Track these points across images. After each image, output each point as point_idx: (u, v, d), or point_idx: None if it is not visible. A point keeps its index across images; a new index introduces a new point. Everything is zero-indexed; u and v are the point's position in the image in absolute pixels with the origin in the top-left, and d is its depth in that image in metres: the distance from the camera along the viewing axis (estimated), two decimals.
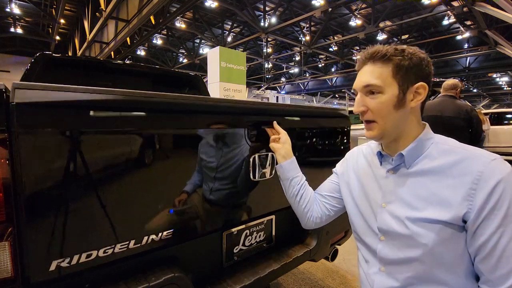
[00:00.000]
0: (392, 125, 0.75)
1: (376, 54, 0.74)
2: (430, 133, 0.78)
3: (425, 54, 0.75)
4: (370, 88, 0.74)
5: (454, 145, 0.74)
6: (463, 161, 0.68)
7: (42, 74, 2.24)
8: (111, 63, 3.11)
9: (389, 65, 0.73)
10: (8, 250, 0.69)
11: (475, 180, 0.65)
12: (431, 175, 0.72)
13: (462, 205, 0.65)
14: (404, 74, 0.72)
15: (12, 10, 10.05)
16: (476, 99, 27.39)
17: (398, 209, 0.76)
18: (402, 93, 0.72)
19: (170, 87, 3.21)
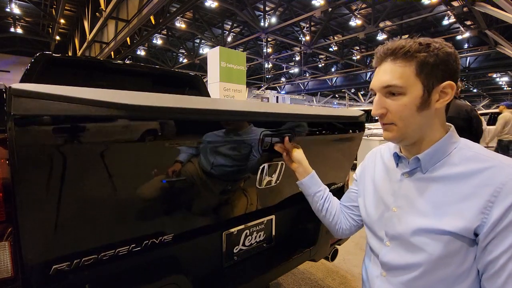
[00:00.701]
0: (414, 128, 0.69)
1: (398, 51, 0.67)
2: (454, 136, 0.71)
3: (453, 48, 0.67)
4: (390, 89, 0.68)
5: (480, 152, 0.66)
6: (486, 170, 0.62)
7: (42, 74, 2.24)
8: (111, 63, 3.11)
9: (412, 62, 0.66)
10: (8, 250, 0.69)
11: (495, 192, 0.59)
12: (448, 183, 0.66)
13: (476, 217, 0.60)
14: (430, 72, 0.65)
15: (12, 10, 10.05)
16: (476, 99, 27.39)
17: (408, 215, 0.72)
18: (427, 94, 0.66)
19: (170, 87, 3.21)
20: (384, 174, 0.83)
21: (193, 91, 3.27)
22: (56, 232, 0.71)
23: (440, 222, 0.64)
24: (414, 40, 0.68)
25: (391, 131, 0.71)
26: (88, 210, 0.76)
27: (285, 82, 23.06)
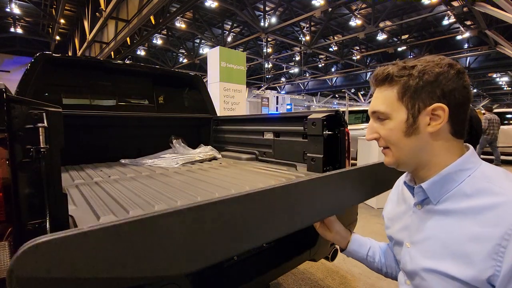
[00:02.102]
0: (406, 153, 0.65)
1: (379, 76, 0.67)
2: (469, 162, 0.63)
3: (446, 67, 0.61)
4: (376, 115, 0.69)
5: (496, 182, 0.57)
6: (499, 206, 0.54)
7: (42, 74, 2.24)
8: (111, 63, 3.11)
9: (394, 87, 0.65)
10: (8, 250, 0.70)
11: (506, 235, 0.50)
12: (458, 218, 0.59)
13: (486, 263, 0.52)
14: (413, 96, 0.62)
15: (12, 10, 10.04)
16: (476, 99, 27.39)
17: (418, 253, 0.66)
18: (411, 118, 0.63)
19: (170, 87, 3.21)
20: (403, 203, 0.79)
21: (193, 91, 3.28)
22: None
23: (448, 265, 0.58)
24: (400, 64, 0.66)
25: (387, 155, 0.70)
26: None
27: (285, 82, 23.06)
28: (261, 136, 2.53)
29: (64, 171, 1.97)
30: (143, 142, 2.78)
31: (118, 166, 2.32)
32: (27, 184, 0.78)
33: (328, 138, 1.86)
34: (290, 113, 2.42)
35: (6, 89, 0.73)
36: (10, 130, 0.75)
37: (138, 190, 1.47)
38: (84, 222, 0.98)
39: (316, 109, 21.36)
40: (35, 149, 0.78)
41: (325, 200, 0.80)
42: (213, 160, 2.68)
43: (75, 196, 1.35)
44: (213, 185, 1.58)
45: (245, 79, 6.97)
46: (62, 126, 0.88)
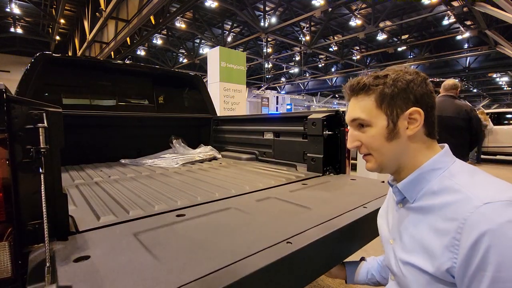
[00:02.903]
0: (389, 157, 0.69)
1: (355, 87, 0.70)
2: (440, 161, 0.67)
3: (414, 74, 0.67)
4: (357, 122, 0.71)
5: (457, 181, 0.61)
6: (455, 202, 0.58)
7: (42, 74, 2.24)
8: (111, 63, 3.11)
9: (371, 96, 0.68)
10: (8, 250, 0.69)
11: (459, 229, 0.54)
12: (427, 215, 0.64)
13: (445, 256, 0.56)
14: (390, 103, 0.66)
15: (12, 10, 10.04)
16: (476, 99, 27.39)
17: (397, 248, 0.71)
18: (392, 124, 0.67)
19: (170, 87, 3.21)
20: (391, 204, 0.83)
21: (193, 91, 3.27)
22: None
23: (418, 259, 0.63)
24: (372, 74, 0.70)
25: (370, 161, 0.73)
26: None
27: (285, 82, 23.06)
28: (261, 136, 2.53)
29: (64, 171, 1.97)
30: (143, 142, 2.78)
31: (118, 166, 2.32)
32: (27, 184, 0.78)
33: (328, 138, 1.86)
34: (290, 113, 2.42)
35: (6, 89, 0.73)
36: (10, 130, 0.75)
37: (138, 190, 1.47)
38: (84, 222, 0.98)
39: (316, 109, 21.35)
40: (35, 149, 0.78)
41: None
42: (213, 160, 2.68)
43: (75, 196, 1.35)
44: (213, 185, 1.58)
45: (245, 79, 6.97)
46: (62, 126, 0.88)
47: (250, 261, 0.70)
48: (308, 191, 1.45)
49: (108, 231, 0.92)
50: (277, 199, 1.29)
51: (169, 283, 0.61)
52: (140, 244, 0.81)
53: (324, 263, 0.92)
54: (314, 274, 0.91)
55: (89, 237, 0.87)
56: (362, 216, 1.05)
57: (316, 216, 1.04)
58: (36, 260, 0.71)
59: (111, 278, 0.63)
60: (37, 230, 0.77)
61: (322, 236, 0.86)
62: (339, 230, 0.93)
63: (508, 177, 5.98)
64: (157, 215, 1.08)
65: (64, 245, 0.80)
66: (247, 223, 0.99)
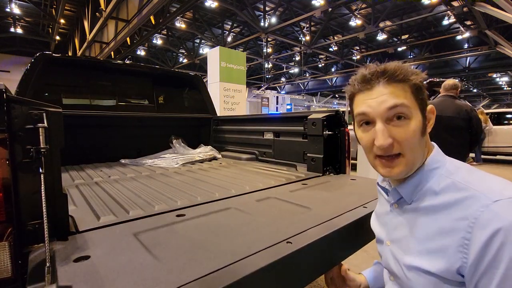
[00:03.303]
0: (418, 157, 0.64)
1: (394, 73, 0.62)
2: (437, 160, 0.66)
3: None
4: (398, 110, 0.60)
5: (459, 179, 0.60)
6: (461, 201, 0.56)
7: (42, 74, 2.24)
8: (111, 63, 3.11)
9: (407, 86, 0.62)
10: (8, 250, 0.69)
11: (469, 228, 0.53)
12: (430, 215, 0.62)
13: (455, 256, 0.55)
14: (422, 96, 0.63)
15: (12, 10, 10.05)
16: (476, 99, 27.39)
17: (397, 250, 0.69)
18: (424, 118, 0.63)
19: (170, 87, 3.21)
20: (382, 204, 0.82)
21: (193, 91, 3.27)
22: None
23: (423, 261, 0.60)
24: (388, 65, 0.64)
25: (398, 165, 0.62)
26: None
27: (285, 82, 23.06)
28: (261, 136, 2.53)
29: (64, 171, 1.97)
30: (143, 142, 2.78)
31: (118, 166, 2.31)
32: (27, 184, 0.78)
33: (328, 138, 1.86)
34: (290, 113, 2.42)
35: (6, 89, 0.73)
36: (10, 130, 0.75)
37: (138, 190, 1.47)
38: (84, 222, 0.98)
39: (316, 109, 21.34)
40: (35, 149, 0.78)
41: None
42: (213, 160, 2.68)
43: (75, 196, 1.35)
44: (213, 185, 1.58)
45: (245, 79, 6.97)
46: (62, 126, 0.88)
47: (250, 261, 0.70)
48: (308, 191, 1.45)
49: (108, 231, 0.92)
50: (277, 199, 1.29)
51: (169, 283, 0.60)
52: (140, 244, 0.81)
53: (324, 263, 0.92)
54: (314, 274, 0.91)
55: (89, 237, 0.87)
56: (362, 216, 1.05)
57: (316, 216, 1.04)
58: (36, 260, 0.71)
59: (111, 278, 0.63)
60: (37, 230, 0.77)
61: (322, 236, 0.86)
62: (339, 230, 0.93)
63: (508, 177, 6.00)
64: (157, 215, 1.08)
65: (64, 245, 0.80)
66: (247, 223, 0.99)
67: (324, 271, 0.96)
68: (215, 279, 0.62)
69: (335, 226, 0.94)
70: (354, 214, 1.08)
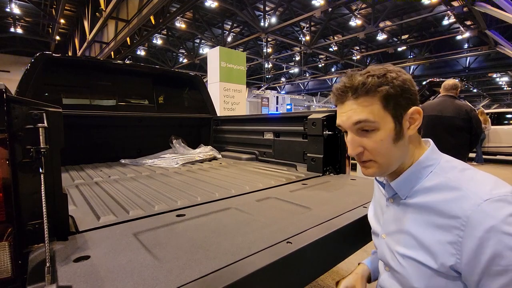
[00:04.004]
0: (395, 159, 0.67)
1: (359, 88, 0.64)
2: (431, 158, 0.68)
3: (406, 73, 0.67)
4: (362, 125, 0.65)
5: (451, 177, 0.62)
6: (454, 200, 0.58)
7: (42, 74, 2.24)
8: (111, 63, 3.11)
9: (375, 98, 0.64)
10: (8, 250, 0.69)
11: (462, 226, 0.55)
12: (423, 212, 0.64)
13: (447, 253, 0.57)
14: (395, 103, 0.64)
15: (12, 10, 10.04)
16: (476, 99, 27.39)
17: (393, 243, 0.71)
18: (398, 125, 0.64)
19: (170, 87, 3.21)
20: (379, 197, 0.83)
21: (193, 91, 3.28)
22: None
23: (419, 254, 0.63)
24: (371, 73, 0.65)
25: (371, 167, 0.68)
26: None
27: (285, 82, 23.05)
28: (261, 136, 2.53)
29: (64, 171, 1.97)
30: (143, 142, 2.78)
31: (118, 166, 2.32)
32: (27, 184, 0.78)
33: (328, 138, 1.86)
34: (290, 113, 2.42)
35: (6, 89, 0.73)
36: (10, 130, 0.75)
37: (138, 190, 1.47)
38: (84, 222, 0.98)
39: (316, 109, 21.34)
40: (35, 149, 0.78)
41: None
42: (213, 160, 2.68)
43: (75, 196, 1.35)
44: (213, 185, 1.58)
45: (245, 79, 6.97)
46: (62, 126, 0.88)
47: (250, 261, 0.70)
48: (308, 191, 1.45)
49: (108, 231, 0.92)
50: (277, 199, 1.29)
51: (169, 283, 0.61)
52: (140, 244, 0.81)
53: (324, 263, 0.92)
54: (314, 274, 0.91)
55: (89, 237, 0.87)
56: (362, 216, 1.05)
57: (316, 216, 1.04)
58: (36, 260, 0.71)
59: (111, 278, 0.63)
60: (37, 230, 0.77)
61: (322, 236, 0.86)
62: (339, 230, 0.93)
63: (508, 177, 5.97)
64: (157, 215, 1.08)
65: (64, 245, 0.80)
66: (247, 223, 0.99)
67: (324, 271, 0.96)
68: (215, 279, 0.62)
69: (335, 226, 0.94)
70: (354, 214, 1.08)
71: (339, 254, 0.99)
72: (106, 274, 0.65)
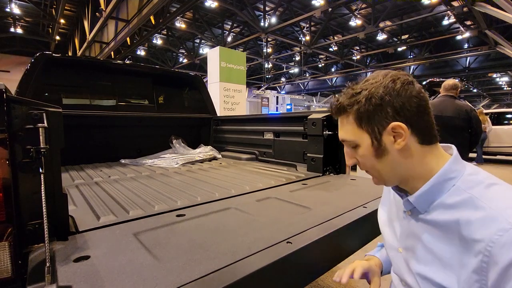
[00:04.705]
0: (385, 172, 0.66)
1: (334, 109, 0.70)
2: (453, 170, 0.61)
3: (391, 84, 0.61)
4: (345, 143, 0.70)
5: (476, 194, 0.56)
6: (477, 221, 0.53)
7: (42, 74, 2.24)
8: (111, 63, 3.11)
9: (349, 117, 0.66)
10: (8, 250, 0.69)
11: (486, 252, 0.51)
12: (444, 231, 0.59)
13: (472, 279, 0.53)
14: (368, 121, 0.62)
15: (12, 10, 10.04)
16: (476, 99, 27.39)
17: (411, 260, 0.67)
18: (376, 142, 0.63)
19: (170, 87, 3.21)
20: (394, 208, 0.79)
21: (193, 91, 3.28)
22: None
23: (440, 276, 0.59)
24: (349, 90, 0.66)
25: (372, 176, 0.71)
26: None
27: (285, 82, 23.05)
28: (261, 136, 2.53)
29: (64, 171, 1.97)
30: (143, 142, 2.78)
31: (118, 166, 2.32)
32: (27, 184, 0.78)
33: (328, 138, 1.86)
34: (290, 113, 2.42)
35: (6, 89, 0.73)
36: (10, 130, 0.75)
37: (138, 190, 1.47)
38: (84, 222, 0.98)
39: (316, 109, 21.34)
40: (35, 149, 0.78)
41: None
42: (213, 160, 2.68)
43: (75, 196, 1.35)
44: (213, 185, 1.58)
45: (245, 79, 6.97)
46: (62, 126, 0.88)
47: (250, 261, 0.70)
48: (308, 191, 1.45)
49: (108, 231, 0.92)
50: (277, 199, 1.29)
51: (169, 283, 0.61)
52: (140, 244, 0.81)
53: (324, 263, 0.92)
54: (314, 274, 0.91)
55: (89, 237, 0.87)
56: (362, 216, 1.05)
57: (316, 216, 1.04)
58: (36, 260, 0.71)
59: (111, 278, 0.63)
60: (37, 230, 0.77)
61: (322, 236, 0.86)
62: (339, 230, 0.93)
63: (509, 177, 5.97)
64: (157, 215, 1.08)
65: (64, 245, 0.80)
66: (247, 223, 0.99)
67: (324, 271, 0.96)
68: (215, 279, 0.62)
69: (335, 226, 0.94)
70: (354, 214, 1.08)
71: (339, 254, 0.99)
72: (106, 274, 0.65)
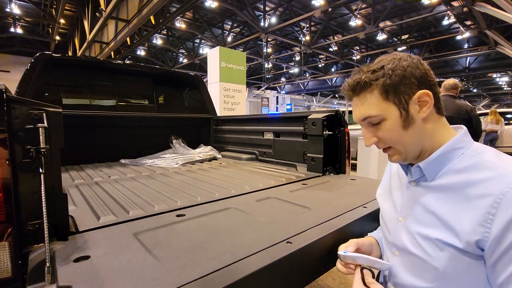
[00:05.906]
0: (411, 144, 0.68)
1: (355, 87, 0.69)
2: (462, 141, 0.67)
3: (409, 59, 0.67)
4: (368, 120, 0.69)
5: (486, 158, 0.62)
6: (487, 179, 0.59)
7: (42, 74, 2.24)
8: (111, 63, 3.11)
9: (374, 91, 0.67)
10: (8, 250, 0.69)
11: (495, 204, 0.55)
12: (450, 192, 0.64)
13: (476, 230, 0.57)
14: (395, 92, 0.65)
15: (12, 10, 10.02)
16: (476, 99, 27.38)
17: (412, 224, 0.70)
18: (404, 111, 0.66)
19: (170, 87, 3.21)
20: (397, 181, 0.82)
21: (193, 91, 3.28)
22: None
23: (442, 233, 0.62)
24: (368, 68, 0.68)
25: (393, 154, 0.71)
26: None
27: (285, 82, 23.04)
28: (261, 136, 2.53)
29: (64, 171, 1.97)
30: (143, 142, 2.78)
31: (118, 166, 2.32)
32: (27, 184, 0.78)
33: (328, 138, 1.86)
34: (290, 113, 2.42)
35: (6, 89, 0.73)
36: (10, 130, 0.75)
37: (138, 190, 1.47)
38: (84, 222, 0.98)
39: (316, 109, 21.35)
40: (35, 149, 0.78)
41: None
42: (213, 160, 2.68)
43: (75, 196, 1.35)
44: (213, 185, 1.58)
45: (245, 79, 6.97)
46: (62, 126, 0.88)
47: (250, 261, 0.70)
48: (308, 191, 1.45)
49: (108, 231, 0.92)
50: (277, 199, 1.29)
51: (169, 283, 0.61)
52: (140, 244, 0.81)
53: (324, 263, 0.92)
54: (314, 274, 0.91)
55: (89, 237, 0.87)
56: (362, 216, 1.05)
57: (316, 216, 1.04)
58: (36, 260, 0.71)
59: (111, 278, 0.63)
60: (37, 230, 0.77)
61: (322, 236, 0.86)
62: (339, 230, 0.93)
63: None
64: (157, 215, 1.08)
65: (64, 245, 0.80)
66: (247, 223, 0.99)
67: (324, 271, 0.96)
68: (215, 279, 0.62)
69: (335, 226, 0.94)
70: (354, 214, 1.08)
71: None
72: (106, 274, 0.65)
